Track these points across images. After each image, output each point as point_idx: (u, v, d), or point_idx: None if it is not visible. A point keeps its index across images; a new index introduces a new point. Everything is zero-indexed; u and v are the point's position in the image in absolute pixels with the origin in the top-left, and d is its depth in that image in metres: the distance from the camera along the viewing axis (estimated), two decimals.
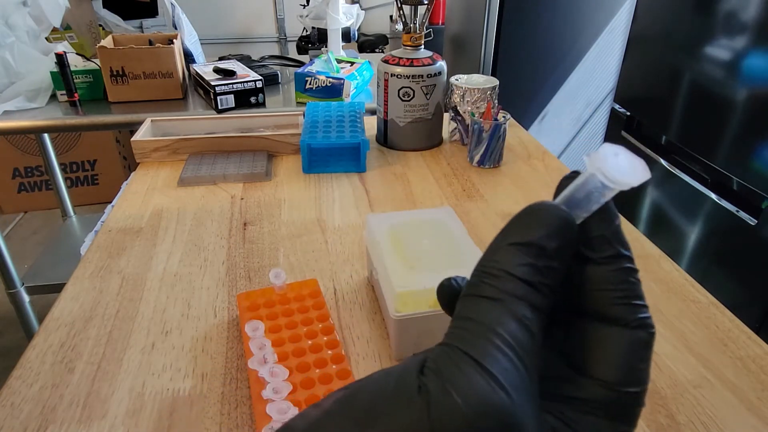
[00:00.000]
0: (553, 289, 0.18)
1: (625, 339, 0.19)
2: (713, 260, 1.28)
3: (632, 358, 0.18)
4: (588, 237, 0.19)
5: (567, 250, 0.19)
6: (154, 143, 0.94)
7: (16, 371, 0.52)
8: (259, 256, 0.70)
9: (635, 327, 0.19)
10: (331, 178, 0.90)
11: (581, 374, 0.19)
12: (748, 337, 0.57)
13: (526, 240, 0.18)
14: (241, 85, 1.34)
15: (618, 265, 0.19)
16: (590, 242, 0.19)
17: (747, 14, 1.13)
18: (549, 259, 0.18)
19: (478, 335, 0.16)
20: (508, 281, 0.17)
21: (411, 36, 0.96)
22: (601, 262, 0.19)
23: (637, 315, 0.19)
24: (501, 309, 0.17)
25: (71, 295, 0.62)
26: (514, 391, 0.15)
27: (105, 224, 0.77)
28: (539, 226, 0.18)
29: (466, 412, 0.15)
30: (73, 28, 1.76)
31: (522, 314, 0.17)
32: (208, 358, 0.53)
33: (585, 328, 0.20)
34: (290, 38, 2.93)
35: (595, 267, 0.19)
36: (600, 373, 0.19)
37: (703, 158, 1.26)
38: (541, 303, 0.17)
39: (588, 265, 0.19)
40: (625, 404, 0.18)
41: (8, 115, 1.31)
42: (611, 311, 0.19)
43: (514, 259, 0.17)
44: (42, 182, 2.51)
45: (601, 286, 0.19)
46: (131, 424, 0.47)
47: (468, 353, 0.16)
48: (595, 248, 0.19)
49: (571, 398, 0.19)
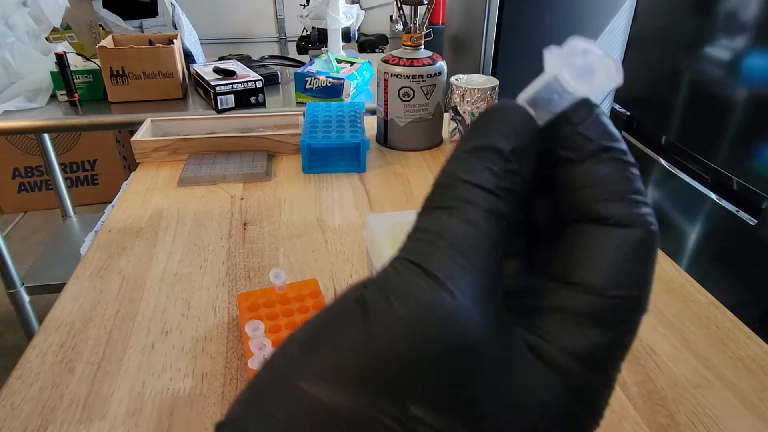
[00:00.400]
0: (515, 193, 0.16)
1: (615, 237, 0.16)
2: (713, 260, 1.28)
3: (621, 258, 0.16)
4: (564, 135, 0.17)
5: (527, 150, 0.17)
6: (154, 143, 0.94)
7: (16, 371, 0.52)
8: (259, 256, 0.70)
9: (629, 225, 0.16)
10: (331, 178, 0.90)
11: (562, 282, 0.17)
12: (748, 337, 0.57)
13: (481, 144, 0.17)
14: (241, 85, 1.34)
15: (603, 159, 0.17)
16: (565, 141, 0.17)
17: (747, 14, 1.13)
18: (506, 161, 0.16)
19: (425, 243, 0.15)
20: (461, 188, 0.16)
21: (411, 36, 0.96)
22: (584, 159, 0.17)
23: (632, 210, 0.16)
24: (452, 215, 0.15)
25: (71, 295, 0.62)
26: (462, 294, 0.14)
27: (105, 224, 0.77)
28: (493, 127, 0.17)
29: (404, 315, 0.14)
30: (73, 28, 1.76)
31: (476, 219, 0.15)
32: (208, 358, 0.53)
33: (570, 235, 0.17)
34: (290, 38, 2.93)
35: (577, 166, 0.17)
36: (581, 276, 0.16)
37: (703, 158, 1.26)
38: (499, 207, 0.16)
39: (570, 166, 0.17)
40: (617, 310, 0.16)
41: (8, 115, 1.31)
42: (598, 209, 0.17)
43: (467, 165, 0.16)
44: (42, 182, 2.51)
45: (583, 183, 0.17)
46: (131, 424, 0.47)
47: (411, 260, 0.15)
48: (572, 146, 0.17)
49: (551, 309, 0.16)
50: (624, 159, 0.17)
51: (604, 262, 0.16)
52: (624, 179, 0.17)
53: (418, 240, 0.15)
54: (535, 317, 0.17)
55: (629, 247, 0.16)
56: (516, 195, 0.16)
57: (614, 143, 0.17)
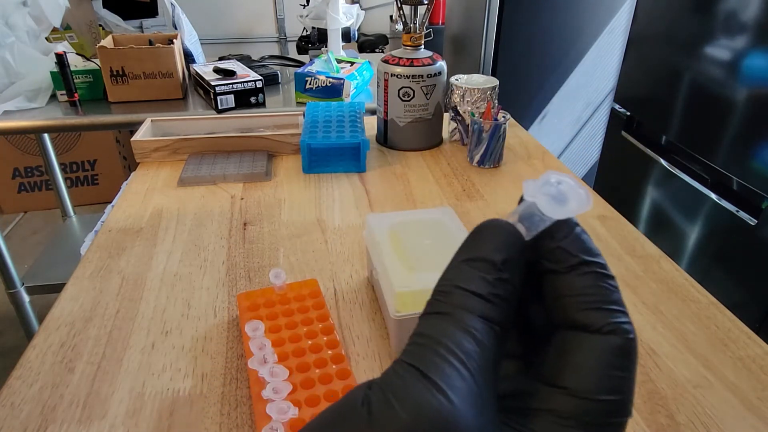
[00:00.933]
0: (507, 300, 0.18)
1: (594, 344, 0.18)
2: (713, 260, 1.28)
3: (603, 364, 0.18)
4: (548, 249, 0.20)
5: (516, 261, 0.19)
6: (154, 143, 0.94)
7: (16, 371, 0.52)
8: (259, 256, 0.70)
9: (608, 332, 0.18)
10: (331, 178, 0.90)
11: (550, 386, 0.18)
12: (748, 337, 0.57)
13: (475, 255, 0.19)
14: (241, 85, 1.34)
15: (583, 271, 0.19)
16: (550, 254, 0.20)
17: (747, 14, 1.13)
18: (498, 271, 0.18)
19: (424, 348, 0.16)
20: (457, 295, 0.18)
21: (411, 36, 0.96)
22: (565, 271, 0.19)
23: (609, 320, 0.18)
24: (449, 321, 0.17)
25: (71, 295, 0.62)
26: (456, 397, 0.15)
27: (105, 224, 0.77)
28: (486, 241, 0.19)
29: (404, 417, 0.15)
30: (73, 28, 1.76)
31: (471, 325, 0.17)
32: (208, 358, 0.53)
33: (556, 340, 0.19)
34: (290, 38, 2.93)
35: (561, 277, 0.19)
36: (568, 381, 0.18)
37: (703, 158, 1.26)
38: (493, 314, 0.17)
39: (554, 277, 0.19)
40: (601, 414, 0.17)
41: (8, 115, 1.31)
42: (578, 317, 0.18)
43: (463, 275, 0.18)
44: (42, 182, 2.51)
45: (566, 293, 0.19)
46: (131, 424, 0.47)
47: (413, 365, 0.16)
48: (557, 259, 0.19)
49: (539, 410, 0.18)
50: (602, 272, 0.19)
51: (588, 368, 0.18)
52: (602, 290, 0.19)
53: (418, 345, 0.17)
54: (527, 418, 0.18)
55: (610, 353, 0.18)
56: (508, 302, 0.18)
57: (593, 258, 0.19)
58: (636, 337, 0.18)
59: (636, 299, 0.62)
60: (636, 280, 0.66)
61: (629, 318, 0.18)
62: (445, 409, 0.15)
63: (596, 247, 0.20)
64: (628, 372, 0.18)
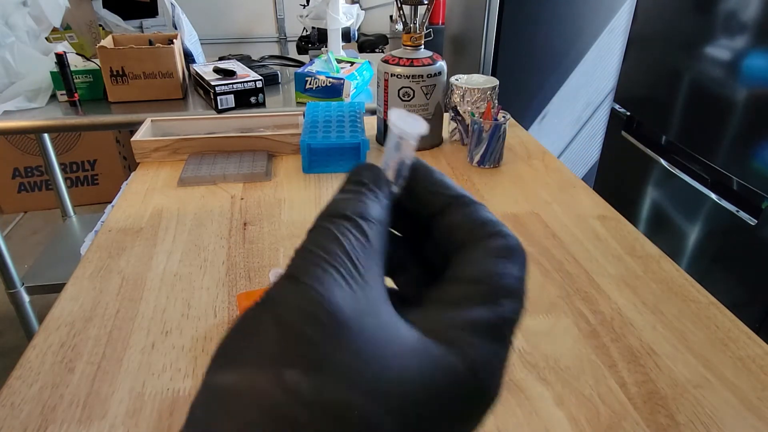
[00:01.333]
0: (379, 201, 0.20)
1: (480, 248, 0.20)
2: (713, 260, 1.28)
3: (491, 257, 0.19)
4: (419, 196, 0.22)
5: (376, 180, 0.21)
6: (154, 143, 0.94)
7: (16, 371, 0.52)
8: (259, 256, 0.70)
9: (490, 236, 0.20)
10: (331, 178, 0.90)
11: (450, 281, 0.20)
12: (748, 337, 0.57)
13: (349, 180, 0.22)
14: (241, 85, 1.34)
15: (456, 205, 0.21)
16: (423, 200, 0.22)
17: (747, 14, 1.13)
18: (360, 185, 0.21)
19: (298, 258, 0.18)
20: (327, 210, 0.20)
21: (411, 36, 0.96)
22: (440, 211, 0.21)
23: (489, 229, 0.20)
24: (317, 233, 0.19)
25: (71, 295, 0.62)
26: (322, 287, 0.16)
27: (105, 224, 0.77)
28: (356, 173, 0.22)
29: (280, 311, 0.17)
30: (73, 28, 1.76)
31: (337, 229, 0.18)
32: (208, 358, 0.53)
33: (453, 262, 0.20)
34: (290, 38, 2.93)
35: (439, 217, 0.21)
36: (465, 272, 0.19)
37: (703, 158, 1.26)
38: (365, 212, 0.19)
39: (434, 220, 0.22)
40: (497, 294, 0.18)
41: (8, 115, 1.31)
42: (464, 238, 0.20)
43: (335, 196, 0.21)
44: (42, 182, 2.51)
45: (449, 226, 0.21)
46: (131, 424, 0.47)
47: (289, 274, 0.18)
48: (430, 203, 0.22)
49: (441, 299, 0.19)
50: (470, 200, 0.22)
51: (483, 261, 0.19)
52: (477, 213, 0.21)
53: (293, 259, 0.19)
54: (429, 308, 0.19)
55: (495, 250, 0.20)
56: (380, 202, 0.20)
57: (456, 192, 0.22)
58: (518, 240, 0.20)
59: (636, 299, 0.62)
60: (636, 280, 0.66)
61: (507, 228, 0.21)
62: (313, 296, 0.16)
63: (454, 182, 0.22)
64: (517, 264, 0.20)
